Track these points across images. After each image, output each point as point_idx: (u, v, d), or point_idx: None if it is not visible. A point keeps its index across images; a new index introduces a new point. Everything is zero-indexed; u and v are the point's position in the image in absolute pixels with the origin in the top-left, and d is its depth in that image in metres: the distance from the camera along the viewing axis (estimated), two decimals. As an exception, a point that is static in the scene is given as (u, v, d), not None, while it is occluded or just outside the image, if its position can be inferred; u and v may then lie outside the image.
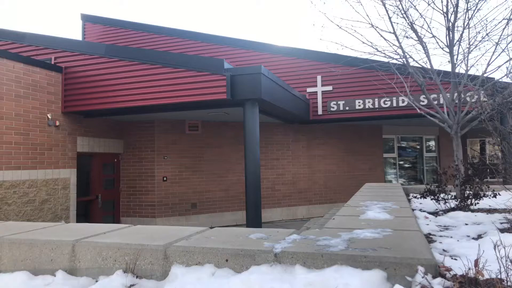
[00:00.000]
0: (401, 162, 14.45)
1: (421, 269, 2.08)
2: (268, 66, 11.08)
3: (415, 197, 5.55)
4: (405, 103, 10.36)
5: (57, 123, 8.84)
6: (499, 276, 1.95)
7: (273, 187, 12.21)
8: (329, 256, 2.32)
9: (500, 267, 1.98)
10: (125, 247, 2.75)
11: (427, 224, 3.84)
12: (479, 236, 3.29)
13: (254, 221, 7.98)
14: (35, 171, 8.29)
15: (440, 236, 3.37)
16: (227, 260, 2.50)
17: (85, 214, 10.00)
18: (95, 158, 10.26)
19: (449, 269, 2.14)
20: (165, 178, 11.02)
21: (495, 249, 2.00)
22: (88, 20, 15.17)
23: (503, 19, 6.01)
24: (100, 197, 10.27)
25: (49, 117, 8.67)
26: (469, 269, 2.00)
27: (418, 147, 14.68)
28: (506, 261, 1.95)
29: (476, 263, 1.99)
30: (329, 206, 11.55)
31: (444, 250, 2.82)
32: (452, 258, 2.51)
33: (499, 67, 5.81)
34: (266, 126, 11.59)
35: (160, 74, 8.41)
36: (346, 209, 4.22)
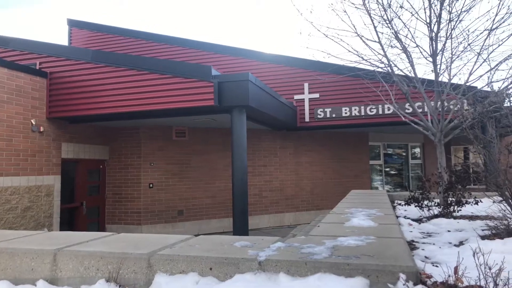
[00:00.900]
0: (387, 169, 14.62)
1: (402, 276, 2.10)
2: (256, 73, 11.13)
3: (400, 204, 5.61)
4: (391, 111, 10.49)
5: (42, 129, 8.71)
6: (478, 283, 1.99)
7: (260, 194, 12.20)
8: (312, 264, 2.33)
9: (479, 274, 2.02)
10: (108, 255, 2.71)
11: (411, 231, 3.89)
12: (461, 243, 3.34)
13: (241, 228, 7.96)
14: (18, 178, 8.14)
15: (423, 243, 3.41)
16: (211, 269, 2.49)
17: (69, 222, 9.83)
18: (80, 165, 10.12)
19: (429, 276, 2.17)
20: (151, 185, 10.92)
21: (474, 256, 2.04)
22: (75, 25, 15.05)
23: (485, 29, 6.17)
24: (85, 204, 10.12)
25: (33, 122, 8.54)
26: (449, 276, 2.03)
27: (403, 154, 14.88)
28: (485, 268, 1.99)
29: (456, 270, 2.02)
30: (316, 212, 11.60)
31: (426, 257, 2.86)
32: (433, 265, 2.55)
33: (480, 76, 5.94)
34: (254, 133, 11.62)
35: (147, 80, 8.38)
36: (331, 216, 4.25)
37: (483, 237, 3.40)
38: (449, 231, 3.97)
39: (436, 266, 2.52)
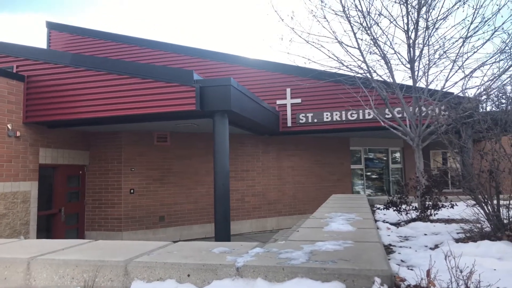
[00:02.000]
0: (368, 173, 14.81)
1: (377, 280, 2.13)
2: (239, 78, 11.16)
3: (379, 208, 5.69)
4: (371, 116, 10.66)
5: (18, 134, 8.50)
6: (450, 286, 2.03)
7: (242, 199, 12.18)
8: (290, 269, 2.34)
9: (451, 277, 2.06)
10: (84, 263, 2.67)
11: (388, 235, 3.95)
12: (436, 246, 3.41)
13: (222, 233, 7.93)
14: (-7, 184, 7.92)
15: (400, 247, 3.47)
16: (189, 275, 2.48)
17: (47, 229, 9.60)
18: (58, 170, 9.91)
19: (403, 280, 2.21)
20: (132, 191, 10.78)
21: (446, 259, 2.09)
22: (54, 28, 14.80)
23: (460, 37, 6.35)
24: (63, 211, 9.90)
25: (9, 127, 8.33)
26: (422, 279, 2.07)
27: (384, 158, 15.10)
28: (456, 271, 2.03)
29: (428, 273, 2.07)
30: (298, 217, 11.64)
31: (402, 260, 2.91)
32: (408, 269, 2.60)
33: (455, 83, 6.10)
34: (236, 138, 11.61)
35: (127, 84, 8.29)
36: (311, 221, 4.28)
37: (457, 240, 3.48)
38: (425, 234, 4.05)
39: (411, 269, 2.57)
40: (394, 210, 5.16)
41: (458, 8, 6.34)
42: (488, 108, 4.57)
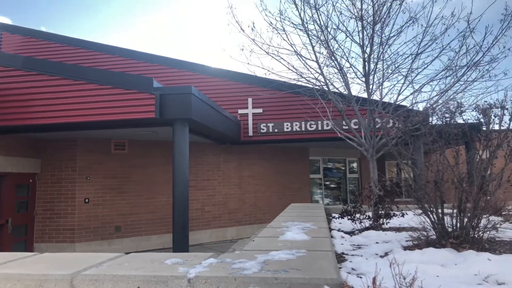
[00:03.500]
0: (327, 183, 15.14)
1: (326, 288, 2.18)
2: (200, 86, 11.11)
3: (335, 217, 5.83)
4: (329, 127, 10.92)
5: (-38, 140, 7.99)
6: (394, 292, 2.11)
7: (203, 208, 12.06)
8: (242, 279, 2.34)
9: (395, 284, 2.15)
10: (26, 278, 2.53)
11: (342, 244, 4.05)
12: (386, 254, 3.53)
13: (181, 244, 7.79)
14: None
15: (352, 255, 3.56)
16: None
17: (-8, 241, 9.02)
18: (6, 179, 9.37)
19: (351, 287, 2.27)
20: (87, 200, 10.37)
21: (390, 267, 2.17)
22: (6, 29, 14.09)
23: (410, 54, 6.71)
24: (10, 222, 9.34)
25: (-48, 133, 7.81)
26: (368, 287, 2.14)
27: (342, 168, 15.52)
28: (399, 278, 2.12)
29: (374, 281, 2.14)
30: (258, 226, 11.66)
31: (352, 268, 2.99)
32: (357, 276, 2.67)
33: (406, 97, 6.41)
34: (197, 146, 11.52)
35: (84, 90, 8.03)
36: (267, 230, 4.30)
37: (405, 248, 3.63)
38: (377, 242, 4.19)
39: (360, 277, 2.64)
40: (348, 219, 5.31)
41: (409, 25, 6.72)
42: (434, 122, 4.85)
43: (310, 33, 6.76)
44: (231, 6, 7.20)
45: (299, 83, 7.42)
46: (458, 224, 3.56)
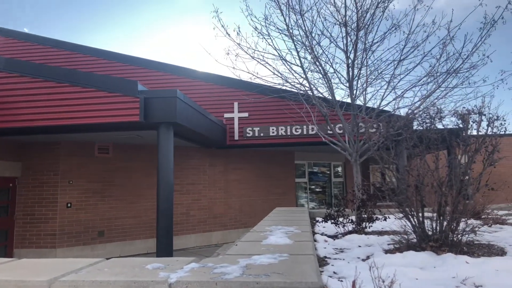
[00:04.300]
0: (312, 187, 15.22)
1: (307, 292, 2.19)
2: (186, 90, 11.07)
3: (318, 221, 5.86)
4: (314, 131, 11.03)
5: None
6: (373, 295, 2.14)
7: (187, 213, 11.97)
8: (223, 284, 2.33)
9: (374, 286, 2.18)
10: (4, 284, 2.48)
11: (325, 248, 4.07)
12: (368, 258, 3.57)
13: (165, 248, 7.72)
14: None
15: (334, 259, 3.59)
16: (118, 293, 2.38)
17: (-31, 247, 8.79)
18: (-15, 183, 9.16)
19: (331, 291, 2.29)
20: (69, 204, 10.19)
21: (370, 270, 2.20)
22: (-13, 30, 13.81)
23: (393, 60, 6.82)
24: (-11, 227, 9.12)
25: None
26: (348, 290, 2.16)
27: (327, 172, 15.62)
28: (378, 281, 2.15)
29: (354, 284, 2.16)
30: (243, 230, 11.63)
31: (334, 272, 3.02)
32: (339, 280, 2.69)
33: (389, 102, 6.52)
34: (182, 150, 11.45)
35: (68, 93, 7.93)
36: (251, 234, 4.31)
37: (387, 252, 3.68)
38: (360, 246, 4.23)
39: (341, 280, 2.67)
40: (332, 223, 5.35)
41: (392, 32, 6.83)
42: (416, 127, 4.94)
43: (295, 38, 6.82)
44: (217, 10, 7.22)
45: (284, 87, 7.47)
46: (438, 228, 3.63)
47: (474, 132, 3.79)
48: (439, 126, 4.00)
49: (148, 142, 10.59)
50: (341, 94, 11.34)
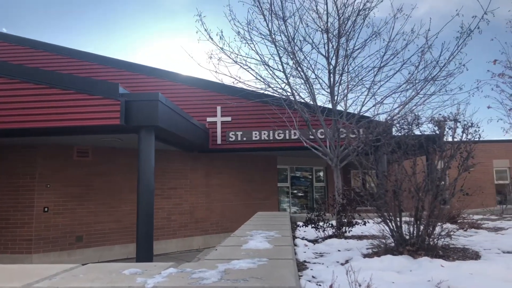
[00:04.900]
0: (295, 191, 15.29)
1: (285, 297, 2.19)
2: (168, 93, 11.00)
3: (299, 225, 5.89)
4: (297, 136, 11.10)
5: None
6: (349, 299, 2.16)
7: (168, 218, 11.85)
8: (201, 289, 2.32)
9: (351, 290, 2.20)
10: (-27, 291, 2.40)
11: (305, 252, 4.09)
12: (347, 262, 3.61)
13: (145, 253, 7.62)
14: None
15: (314, 263, 3.61)
16: (94, 300, 2.34)
17: None
18: (-42, 186, 8.86)
19: (309, 295, 2.30)
20: (46, 209, 9.95)
21: (347, 274, 2.22)
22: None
23: (373, 67, 6.95)
24: (-39, 232, 8.82)
25: None
26: (325, 294, 2.18)
27: (309, 177, 15.73)
28: (355, 285, 2.17)
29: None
30: (225, 235, 11.55)
31: (313, 276, 3.03)
32: (317, 284, 2.71)
33: (369, 108, 6.63)
34: (163, 154, 11.35)
35: (46, 95, 7.78)
36: (231, 239, 4.29)
37: (365, 256, 3.72)
38: (339, 250, 4.26)
39: (319, 285, 2.69)
40: (312, 227, 5.38)
41: (372, 39, 6.97)
42: (395, 133, 5.03)
43: (277, 43, 6.87)
44: (200, 14, 7.22)
45: (267, 92, 7.51)
46: (415, 232, 3.70)
47: (450, 139, 3.89)
48: (417, 132, 4.08)
49: (129, 146, 10.46)
50: (322, 100, 11.45)
